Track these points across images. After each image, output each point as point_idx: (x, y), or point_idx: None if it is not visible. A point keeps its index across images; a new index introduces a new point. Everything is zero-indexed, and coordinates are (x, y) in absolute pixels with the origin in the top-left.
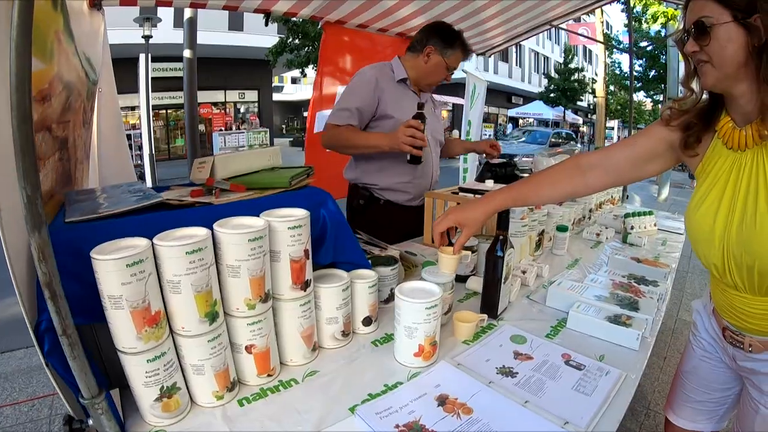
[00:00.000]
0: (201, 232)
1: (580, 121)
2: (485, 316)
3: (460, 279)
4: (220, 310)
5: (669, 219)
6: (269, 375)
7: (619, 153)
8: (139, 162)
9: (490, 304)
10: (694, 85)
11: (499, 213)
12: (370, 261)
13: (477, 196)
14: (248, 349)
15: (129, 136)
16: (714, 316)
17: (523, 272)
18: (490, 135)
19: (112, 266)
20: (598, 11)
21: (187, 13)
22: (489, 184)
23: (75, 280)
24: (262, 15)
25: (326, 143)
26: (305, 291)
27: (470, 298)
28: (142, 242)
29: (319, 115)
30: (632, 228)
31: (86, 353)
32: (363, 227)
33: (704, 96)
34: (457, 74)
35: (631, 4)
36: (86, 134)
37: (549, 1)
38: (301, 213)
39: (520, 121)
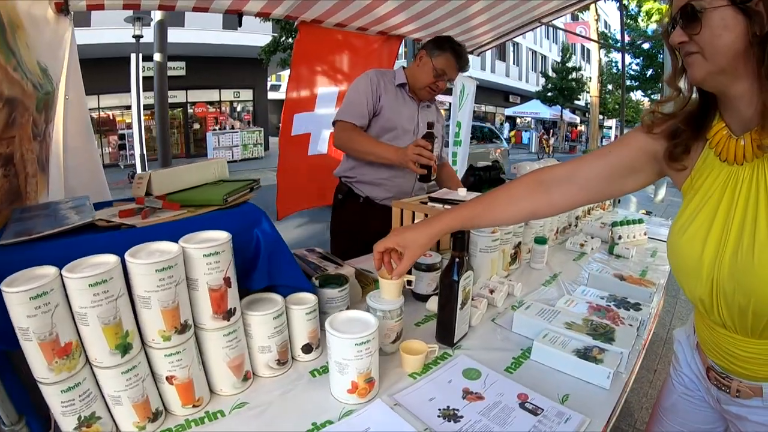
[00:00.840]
0: (110, 260)
1: (578, 120)
2: (435, 347)
3: (421, 298)
4: (135, 342)
5: (662, 226)
6: (195, 406)
7: (590, 166)
8: (132, 162)
9: (445, 332)
10: (682, 84)
11: (454, 233)
12: (318, 281)
13: (446, 206)
14: (169, 380)
15: (123, 136)
16: (698, 351)
17: (491, 291)
18: None
19: (16, 299)
20: (592, 9)
21: (157, 15)
22: (461, 193)
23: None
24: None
25: (338, 143)
26: (228, 321)
27: (429, 321)
28: (50, 271)
29: (297, 118)
30: (620, 238)
31: (14, 377)
32: (342, 225)
33: (694, 98)
34: None
35: (625, 2)
36: (39, 147)
37: None
38: (221, 238)
39: (518, 120)
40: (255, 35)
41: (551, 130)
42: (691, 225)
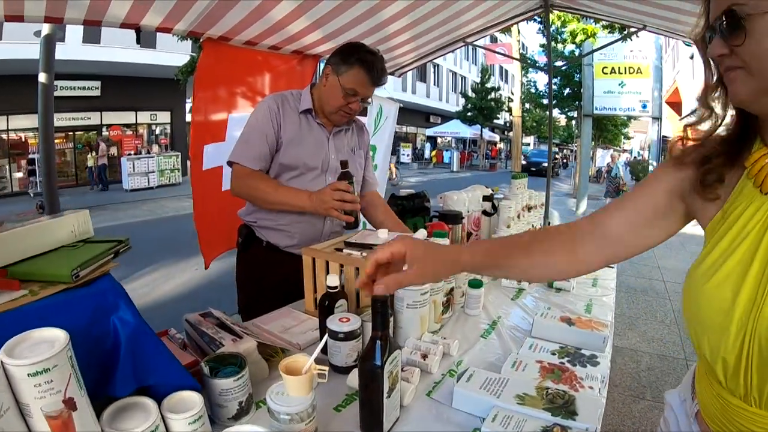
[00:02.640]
0: None
1: (497, 138)
2: None
3: (341, 370)
4: None
5: None
6: None
7: (618, 216)
8: (41, 190)
9: (370, 427)
10: (715, 104)
11: (373, 305)
12: (209, 366)
13: (364, 254)
14: None
15: (33, 161)
16: (698, 422)
17: (424, 357)
18: (408, 155)
19: None
20: (514, 32)
21: (45, 29)
22: (382, 234)
23: None
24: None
25: (237, 192)
26: None
27: (352, 402)
28: None
29: (207, 150)
30: None
31: None
32: (245, 273)
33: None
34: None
35: (549, 22)
36: None
37: (460, 16)
38: (56, 342)
39: (439, 140)
40: (173, 54)
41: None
42: (721, 268)
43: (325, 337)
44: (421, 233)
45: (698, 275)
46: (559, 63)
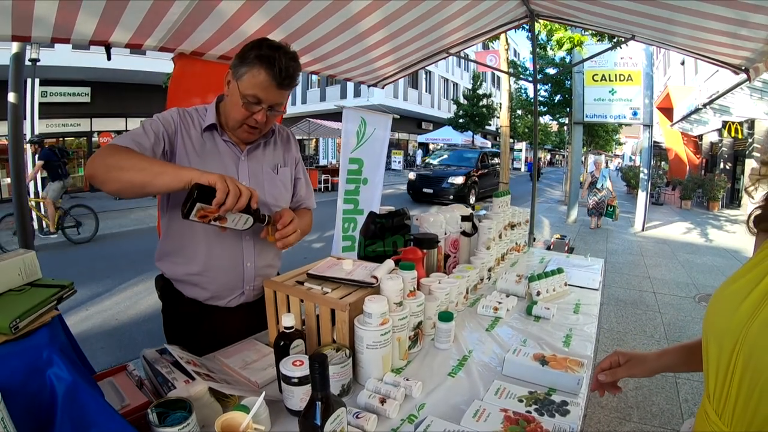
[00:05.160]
0: None
1: (489, 144)
2: None
3: (297, 413)
4: None
5: (582, 268)
6: None
7: None
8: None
9: None
10: None
11: (311, 366)
12: (156, 412)
13: (326, 290)
14: None
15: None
16: None
17: (383, 401)
18: (399, 162)
19: None
20: (502, 39)
21: (13, 47)
22: (347, 266)
23: None
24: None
25: (89, 168)
26: None
27: None
28: None
29: None
30: (538, 294)
31: None
32: (171, 330)
33: None
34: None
35: (536, 32)
36: None
37: (442, 27)
38: None
39: (430, 147)
40: (164, 61)
41: None
42: (739, 280)
43: (262, 395)
44: (388, 265)
45: (724, 283)
46: (549, 71)
